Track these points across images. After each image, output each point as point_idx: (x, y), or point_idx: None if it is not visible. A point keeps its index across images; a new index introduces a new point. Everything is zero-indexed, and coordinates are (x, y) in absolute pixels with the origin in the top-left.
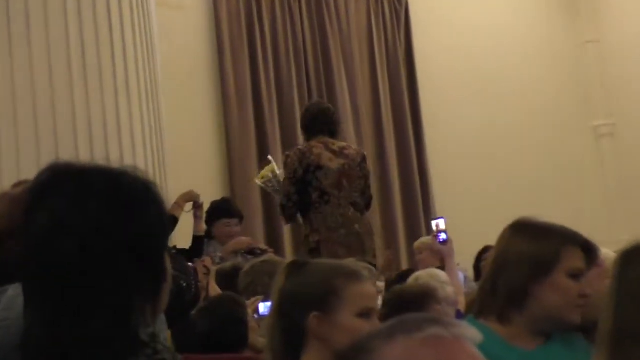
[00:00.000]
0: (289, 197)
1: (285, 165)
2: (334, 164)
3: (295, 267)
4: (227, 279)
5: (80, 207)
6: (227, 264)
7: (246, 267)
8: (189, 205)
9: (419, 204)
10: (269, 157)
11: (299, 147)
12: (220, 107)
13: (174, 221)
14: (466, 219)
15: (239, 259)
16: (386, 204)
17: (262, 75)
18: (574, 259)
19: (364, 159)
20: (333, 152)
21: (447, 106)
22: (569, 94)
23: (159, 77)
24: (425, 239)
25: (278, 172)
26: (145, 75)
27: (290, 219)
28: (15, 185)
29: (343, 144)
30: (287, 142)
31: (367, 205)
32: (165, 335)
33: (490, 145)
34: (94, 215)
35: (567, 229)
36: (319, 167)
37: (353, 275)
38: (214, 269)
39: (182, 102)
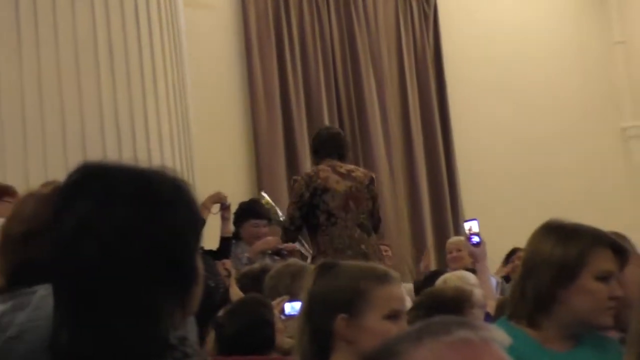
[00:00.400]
0: (292, 221)
1: (292, 190)
2: (341, 186)
3: (324, 269)
4: (256, 280)
5: (107, 209)
6: (256, 266)
7: (271, 271)
8: (216, 207)
9: (447, 206)
10: (262, 192)
11: (307, 171)
12: (248, 107)
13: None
14: (494, 221)
15: (267, 260)
16: (414, 206)
17: (289, 77)
18: (602, 261)
19: (372, 181)
20: (340, 174)
21: (475, 108)
22: (597, 95)
23: (186, 78)
24: (456, 239)
25: (272, 204)
26: (173, 75)
27: (292, 242)
28: (44, 185)
29: (351, 166)
30: None
31: (376, 227)
32: (195, 337)
33: (518, 146)
34: (120, 217)
35: (594, 230)
36: (326, 190)
37: (381, 278)
38: (234, 271)
39: (210, 103)
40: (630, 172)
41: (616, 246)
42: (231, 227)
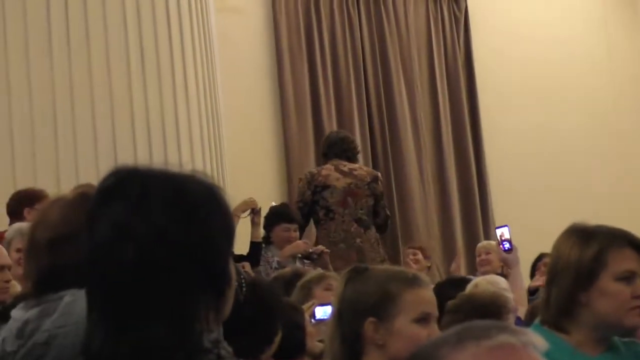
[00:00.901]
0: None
1: (297, 190)
2: (341, 183)
3: (354, 274)
4: (288, 285)
5: (142, 214)
6: (287, 270)
7: (301, 281)
8: (246, 211)
9: (477, 212)
10: (273, 203)
11: (310, 169)
12: (279, 112)
13: None
14: (525, 226)
15: (297, 264)
16: (445, 211)
17: (320, 81)
18: (622, 261)
19: (375, 179)
20: (342, 172)
21: (506, 113)
22: (628, 100)
23: (217, 82)
24: (485, 242)
25: None
26: (204, 80)
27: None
28: (74, 190)
29: (355, 165)
30: None
31: (382, 226)
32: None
33: (550, 152)
34: (156, 221)
35: (612, 229)
36: (326, 187)
37: (410, 281)
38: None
39: (241, 108)
40: None
41: (636, 243)
42: (261, 232)
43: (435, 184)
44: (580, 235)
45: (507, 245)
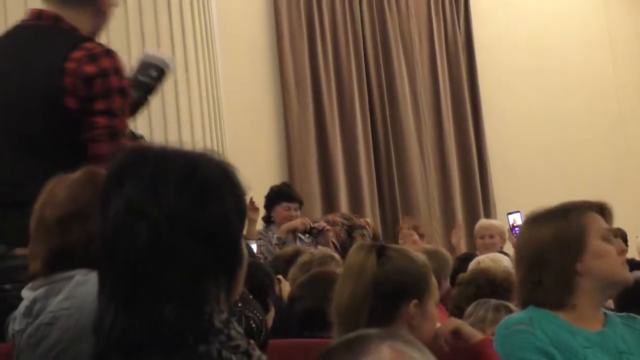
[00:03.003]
0: None
1: None
2: None
3: (382, 252)
4: (288, 263)
5: (156, 193)
6: (289, 248)
7: (302, 259)
8: None
9: (477, 192)
10: None
11: None
12: (279, 93)
13: None
14: (526, 206)
15: (297, 243)
16: (445, 191)
17: (321, 63)
18: (598, 222)
19: None
20: None
21: (506, 94)
22: (630, 84)
23: (218, 63)
24: (487, 222)
25: None
26: (205, 61)
27: None
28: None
29: None
30: (346, 129)
31: None
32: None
33: (550, 133)
34: (170, 201)
35: (576, 201)
36: None
37: (428, 267)
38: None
39: (242, 89)
40: None
41: (600, 207)
42: (255, 232)
43: (436, 164)
44: (553, 215)
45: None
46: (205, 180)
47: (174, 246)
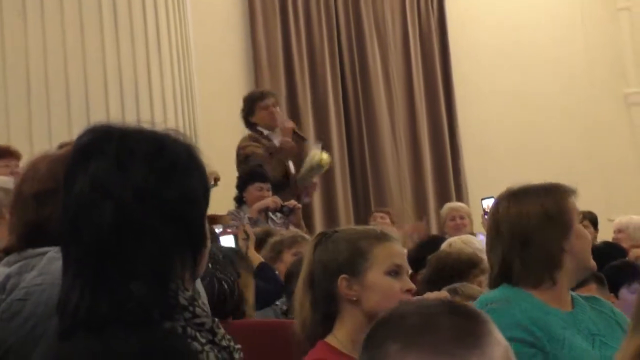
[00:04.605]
0: None
1: None
2: None
3: (322, 237)
4: (259, 243)
5: (122, 171)
6: (258, 229)
7: (273, 239)
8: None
9: (449, 170)
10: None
11: None
12: (252, 72)
13: None
14: (496, 185)
15: (269, 223)
16: (417, 169)
17: (293, 42)
18: (576, 206)
19: None
20: None
21: (478, 72)
22: (600, 61)
23: (190, 43)
24: (457, 205)
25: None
26: (177, 39)
27: None
28: (61, 147)
29: None
30: (319, 109)
31: None
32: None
33: (521, 111)
34: (135, 179)
35: (554, 182)
36: None
37: (379, 236)
38: (253, 235)
39: (214, 68)
40: (632, 139)
41: (573, 192)
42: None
43: (408, 146)
44: (536, 193)
45: None
46: (171, 159)
47: (140, 224)
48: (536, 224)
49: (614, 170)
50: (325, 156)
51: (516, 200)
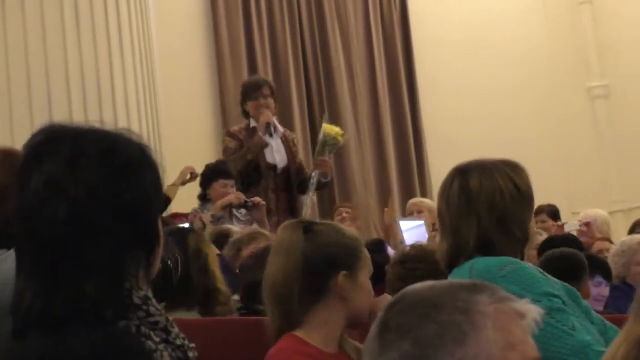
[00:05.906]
0: None
1: None
2: None
3: (309, 229)
4: (216, 243)
5: (74, 171)
6: (217, 229)
7: (233, 237)
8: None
9: (413, 165)
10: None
11: None
12: (215, 66)
13: (166, 202)
14: None
15: (233, 221)
16: (381, 164)
17: (255, 33)
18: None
19: None
20: None
21: (441, 67)
22: (563, 55)
23: (152, 38)
24: (417, 199)
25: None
26: (139, 35)
27: None
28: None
29: None
30: (281, 103)
31: None
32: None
33: (484, 105)
34: (88, 179)
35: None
36: None
37: (360, 240)
38: (209, 224)
39: (177, 62)
40: (595, 132)
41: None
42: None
43: (372, 140)
44: (511, 167)
45: None
46: (124, 158)
47: (93, 222)
48: (510, 200)
49: (578, 164)
50: (337, 129)
51: (486, 175)
